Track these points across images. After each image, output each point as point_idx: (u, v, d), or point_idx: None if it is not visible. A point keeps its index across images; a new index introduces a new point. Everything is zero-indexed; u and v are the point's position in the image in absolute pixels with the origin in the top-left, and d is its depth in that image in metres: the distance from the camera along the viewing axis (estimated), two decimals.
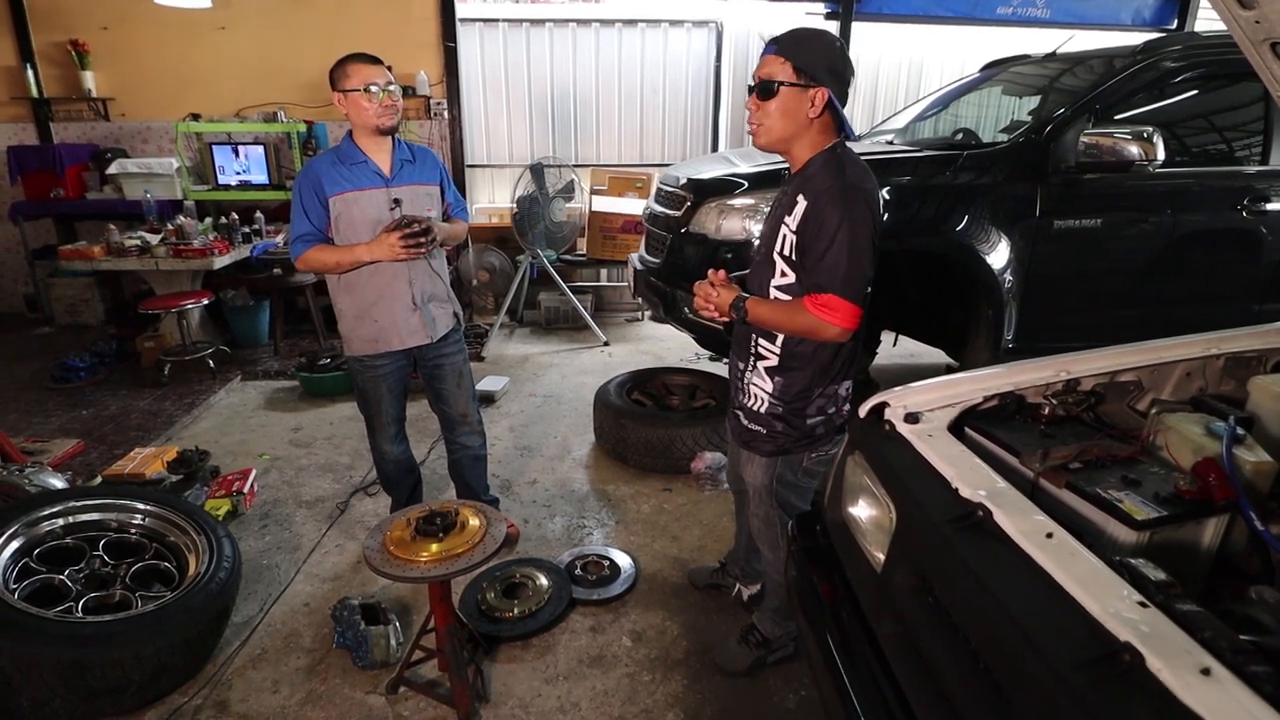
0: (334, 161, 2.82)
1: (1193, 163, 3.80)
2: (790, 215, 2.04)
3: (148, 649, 2.36)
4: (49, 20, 6.57)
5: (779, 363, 2.19)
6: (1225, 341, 1.88)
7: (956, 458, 1.49)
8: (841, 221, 1.92)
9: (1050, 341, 3.68)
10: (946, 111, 4.64)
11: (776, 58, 1.98)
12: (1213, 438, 1.48)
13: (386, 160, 2.88)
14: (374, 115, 2.77)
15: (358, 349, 2.96)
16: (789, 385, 2.19)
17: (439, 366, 3.12)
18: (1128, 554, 1.30)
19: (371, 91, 2.74)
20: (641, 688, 2.60)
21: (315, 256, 2.82)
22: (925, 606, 1.34)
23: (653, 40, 7.11)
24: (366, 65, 2.77)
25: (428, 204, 2.97)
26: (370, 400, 3.07)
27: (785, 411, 2.21)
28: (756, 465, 2.33)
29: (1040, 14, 7.02)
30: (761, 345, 2.22)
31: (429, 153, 3.07)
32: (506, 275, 6.94)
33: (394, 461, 3.22)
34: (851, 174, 2.00)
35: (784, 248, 2.07)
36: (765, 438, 2.27)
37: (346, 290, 2.90)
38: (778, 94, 1.98)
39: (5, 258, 7.21)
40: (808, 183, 2.04)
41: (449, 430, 3.28)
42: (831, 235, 1.93)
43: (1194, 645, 0.97)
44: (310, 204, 2.80)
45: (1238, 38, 1.65)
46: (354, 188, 2.81)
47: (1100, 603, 1.06)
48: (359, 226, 2.83)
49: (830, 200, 1.94)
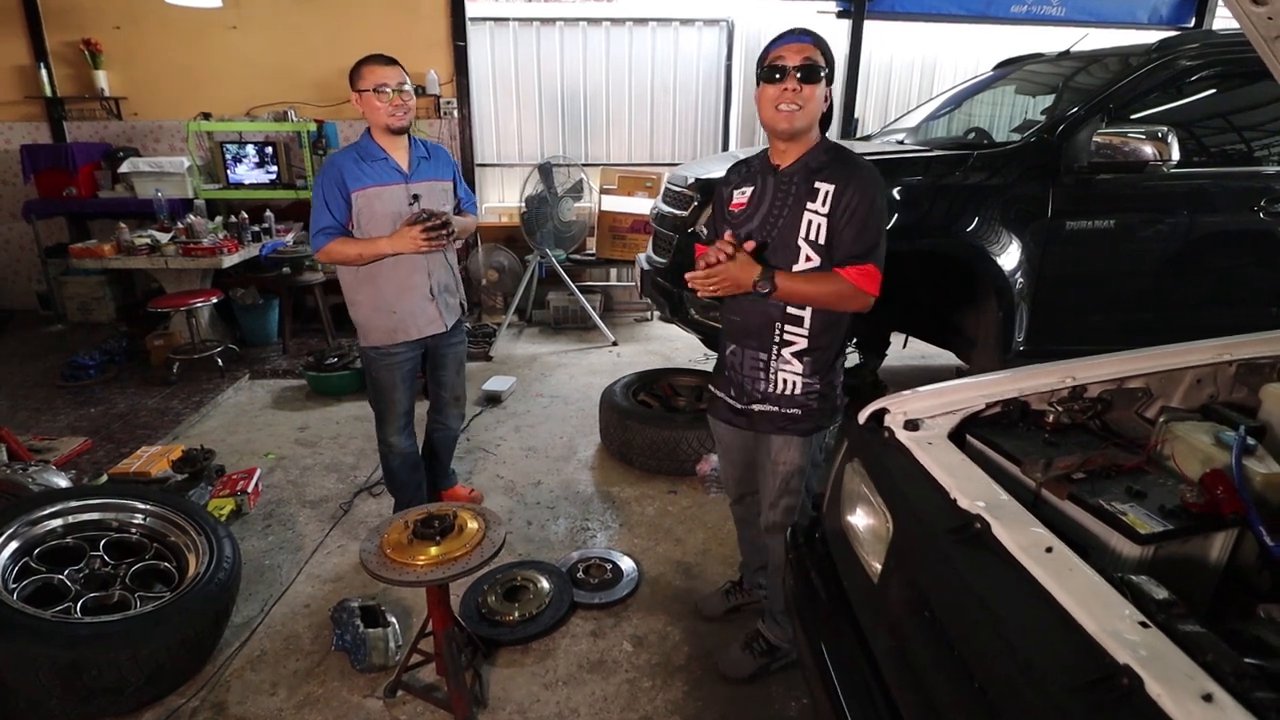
0: (356, 158, 2.93)
1: (1209, 163, 3.73)
2: (815, 201, 2.08)
3: (145, 650, 2.34)
4: (62, 20, 6.61)
5: (808, 344, 2.21)
6: (1237, 347, 1.82)
7: (956, 467, 1.45)
8: (875, 200, 2.06)
9: (1062, 344, 3.66)
10: (959, 110, 4.59)
11: (813, 47, 2.06)
12: (1222, 448, 1.43)
13: (405, 157, 3.01)
14: (385, 115, 2.87)
15: (375, 339, 3.08)
16: (819, 362, 2.23)
17: (445, 355, 3.30)
18: (1131, 569, 1.26)
19: (382, 92, 2.84)
20: (641, 694, 2.57)
21: (337, 249, 2.92)
22: (920, 621, 1.30)
23: (663, 39, 7.07)
24: (380, 66, 2.86)
25: (443, 199, 3.11)
26: (384, 390, 3.17)
27: (822, 386, 2.25)
28: (794, 449, 2.30)
29: (1055, 12, 6.94)
30: (788, 332, 2.21)
31: (442, 150, 3.20)
32: (515, 274, 6.92)
33: (401, 455, 3.28)
34: (862, 160, 2.11)
35: (809, 233, 2.10)
36: (804, 417, 2.27)
37: (367, 281, 3.01)
38: (820, 81, 2.06)
39: (19, 256, 7.27)
40: (824, 170, 2.10)
41: (437, 411, 3.48)
42: (869, 212, 2.05)
43: (1196, 669, 0.93)
44: (332, 198, 2.91)
45: (1250, 35, 1.60)
46: (376, 183, 2.93)
47: (1099, 622, 1.02)
48: (380, 220, 2.94)
49: (864, 182, 2.06)
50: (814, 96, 2.05)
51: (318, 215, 2.92)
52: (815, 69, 2.03)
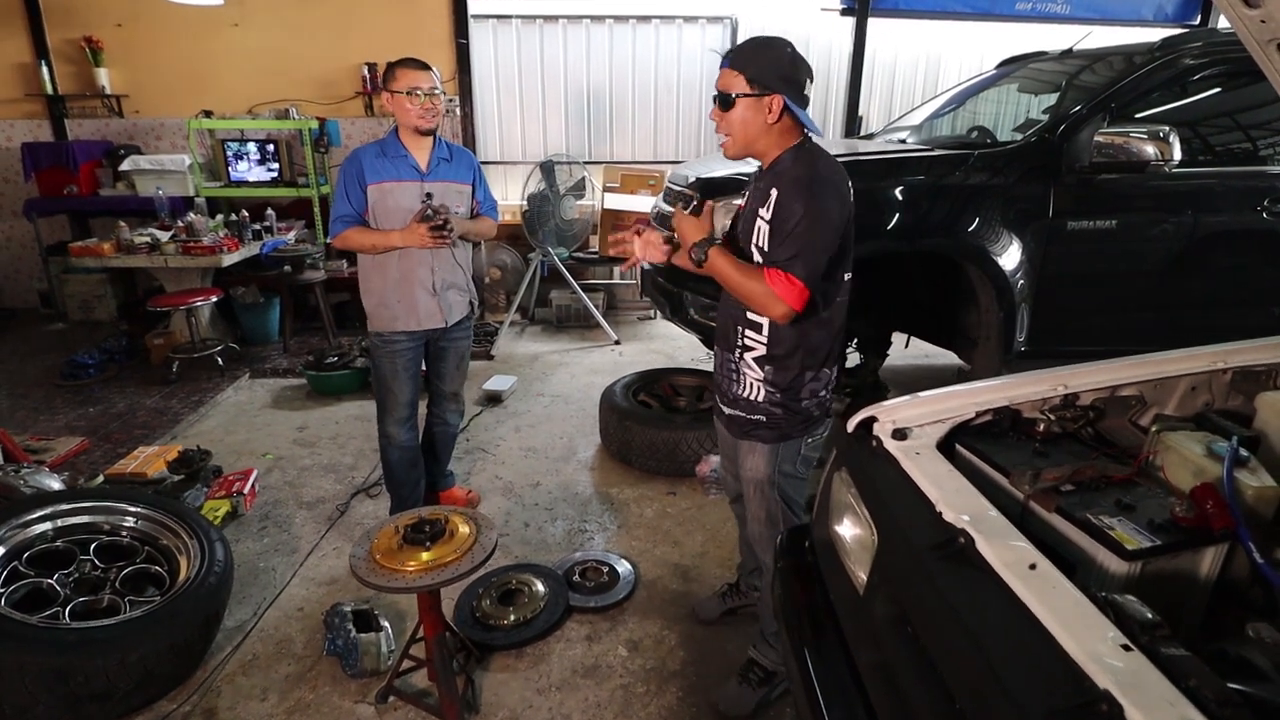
0: (378, 153, 3.08)
1: (1212, 163, 3.70)
2: (764, 207, 2.09)
3: (134, 655, 2.34)
4: (64, 17, 6.62)
5: (766, 352, 2.19)
6: (1233, 354, 1.79)
7: (943, 478, 1.42)
8: (808, 207, 1.99)
9: (1063, 345, 3.63)
10: (963, 109, 4.55)
11: (730, 70, 2.06)
12: (1214, 459, 1.40)
13: (425, 156, 3.14)
14: (414, 117, 3.02)
15: (378, 325, 3.22)
16: (780, 373, 2.20)
17: (445, 349, 3.39)
18: (1118, 586, 1.24)
19: (415, 95, 2.98)
20: (635, 700, 2.55)
21: (353, 236, 3.08)
22: (903, 636, 1.28)
23: (667, 36, 7.04)
24: (414, 70, 2.99)
25: (458, 201, 3.22)
26: (385, 378, 3.27)
27: (782, 397, 2.21)
28: (759, 456, 2.29)
29: (1060, 9, 6.89)
30: (748, 336, 2.21)
31: (466, 153, 3.34)
32: (518, 273, 6.91)
33: (400, 448, 3.34)
34: (823, 167, 2.07)
35: (759, 239, 2.10)
36: (767, 425, 2.25)
37: (378, 269, 3.15)
38: (735, 104, 2.06)
39: (20, 254, 7.28)
40: (779, 176, 2.10)
41: (436, 405, 3.56)
42: (798, 219, 1.99)
43: (1178, 695, 0.91)
44: (352, 189, 3.07)
45: (1244, 38, 1.56)
46: (391, 179, 3.08)
47: (1081, 644, 1.00)
48: (393, 214, 3.09)
49: (799, 188, 2.01)
50: (734, 121, 2.08)
51: (338, 203, 3.09)
52: (727, 97, 2.06)
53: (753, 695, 2.49)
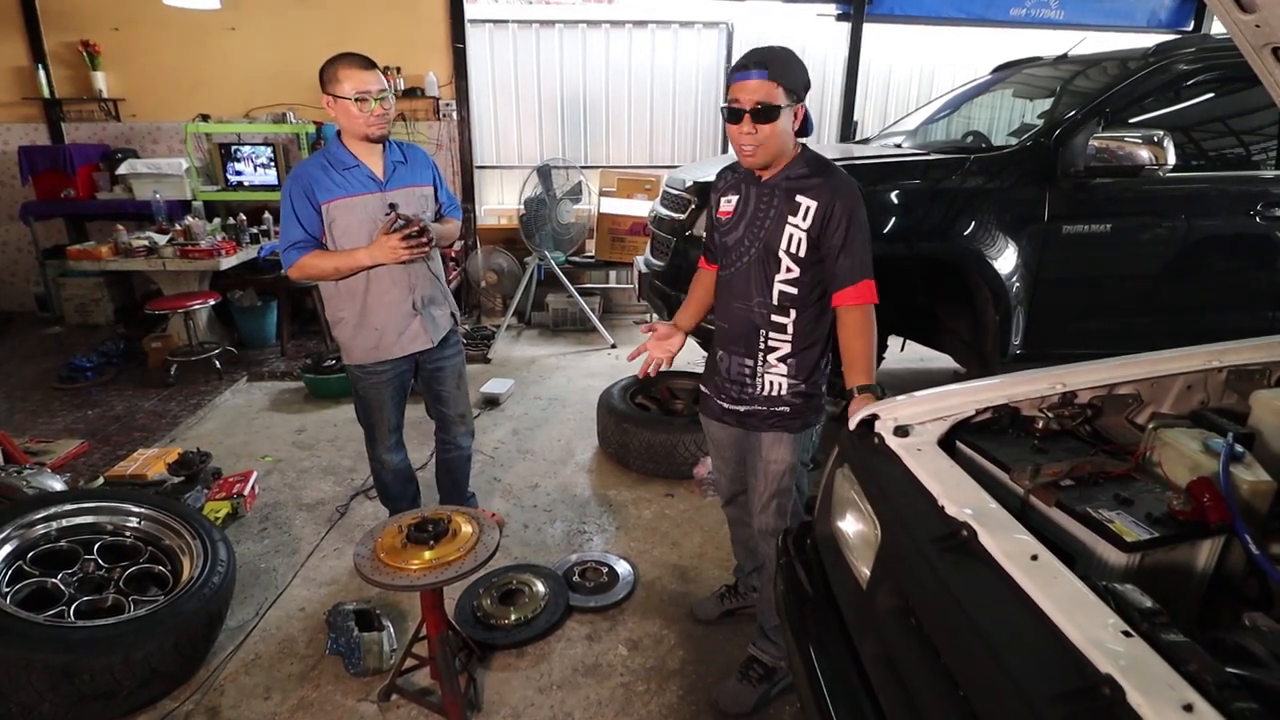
0: (324, 166, 2.70)
1: (1206, 167, 3.74)
2: (797, 216, 2.14)
3: (138, 654, 2.35)
4: (60, 21, 6.62)
5: (792, 348, 2.26)
6: (1228, 354, 1.82)
7: (944, 474, 1.45)
8: (853, 215, 2.10)
9: (1059, 348, 3.66)
10: (958, 114, 4.59)
11: (769, 82, 2.02)
12: (1210, 455, 1.43)
13: (379, 163, 2.78)
14: (363, 125, 2.65)
15: (359, 357, 2.88)
16: (804, 363, 2.28)
17: (439, 370, 3.08)
18: (1118, 577, 1.26)
19: (364, 100, 2.60)
20: (636, 698, 2.57)
21: (312, 263, 2.71)
22: (907, 628, 1.30)
23: (663, 42, 7.08)
24: (359, 70, 2.60)
25: (423, 206, 2.88)
26: (371, 408, 3.00)
27: (807, 387, 2.29)
28: (785, 446, 2.33)
29: (1054, 15, 6.95)
30: (773, 339, 2.27)
31: (419, 151, 2.97)
32: (514, 277, 6.92)
33: (393, 471, 3.15)
34: (840, 171, 2.16)
35: (791, 246, 2.16)
36: (791, 415, 2.31)
37: (347, 297, 2.81)
38: (777, 118, 2.05)
39: (17, 257, 7.28)
40: (805, 183, 2.15)
41: (445, 431, 3.25)
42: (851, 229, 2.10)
43: (1178, 679, 0.93)
44: (303, 209, 2.68)
45: (1239, 43, 1.59)
46: (347, 194, 2.71)
47: (1082, 631, 1.02)
48: (354, 233, 2.74)
49: (845, 197, 2.11)
50: (772, 132, 2.06)
51: (288, 229, 2.70)
52: (769, 110, 2.02)
53: (753, 692, 2.51)
